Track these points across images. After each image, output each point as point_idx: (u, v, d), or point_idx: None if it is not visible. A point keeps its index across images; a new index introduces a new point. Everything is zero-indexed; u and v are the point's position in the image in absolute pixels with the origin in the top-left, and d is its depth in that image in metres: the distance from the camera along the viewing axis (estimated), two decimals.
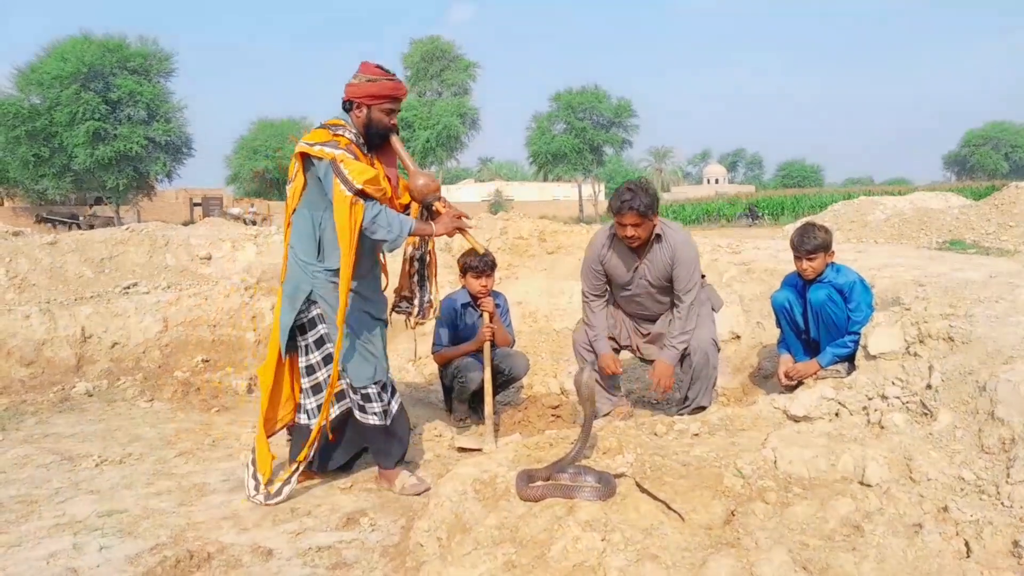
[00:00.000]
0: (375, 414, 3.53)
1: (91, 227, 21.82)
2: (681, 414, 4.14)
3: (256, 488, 3.44)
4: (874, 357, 3.58)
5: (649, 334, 4.36)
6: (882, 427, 3.08)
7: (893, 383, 3.33)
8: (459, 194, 58.08)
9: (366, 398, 3.51)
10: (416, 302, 3.85)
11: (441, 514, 2.72)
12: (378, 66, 3.43)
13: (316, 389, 3.56)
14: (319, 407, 3.52)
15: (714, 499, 2.55)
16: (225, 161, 45.17)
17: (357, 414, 3.56)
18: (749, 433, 3.16)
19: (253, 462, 3.53)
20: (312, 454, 3.55)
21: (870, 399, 3.30)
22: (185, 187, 44.42)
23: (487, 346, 4.46)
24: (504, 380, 4.78)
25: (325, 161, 3.22)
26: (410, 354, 6.08)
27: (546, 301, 6.78)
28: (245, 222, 25.86)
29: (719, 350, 4.32)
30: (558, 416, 4.77)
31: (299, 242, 3.43)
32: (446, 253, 7.26)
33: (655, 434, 3.25)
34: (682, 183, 76.70)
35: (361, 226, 3.19)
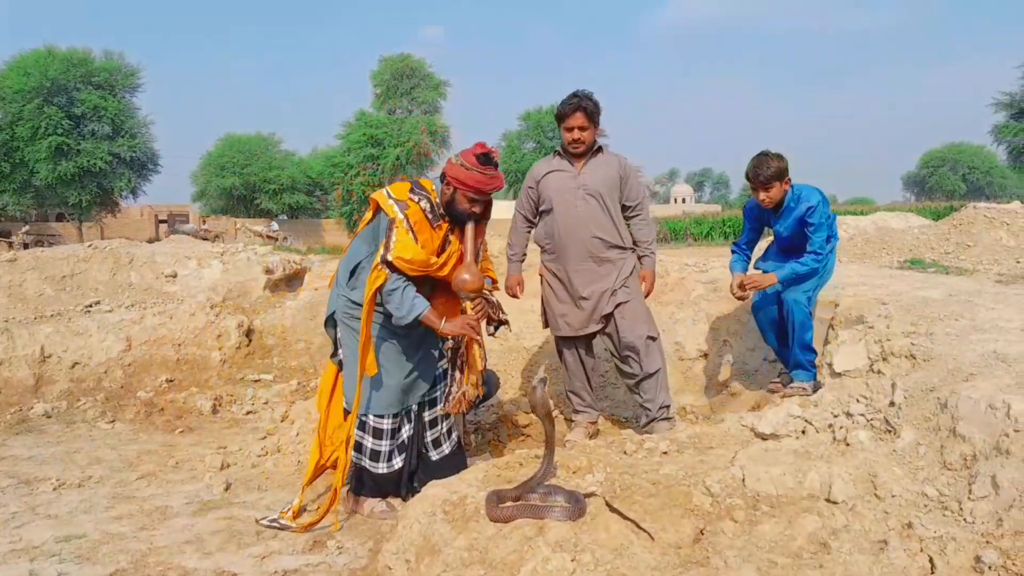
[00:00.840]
0: (362, 448, 3.55)
1: (25, 246, 21.08)
2: (651, 422, 4.18)
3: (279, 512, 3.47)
4: (839, 375, 3.64)
5: (588, 299, 4.25)
6: (847, 444, 3.12)
7: (858, 400, 3.37)
8: None
9: (362, 425, 3.52)
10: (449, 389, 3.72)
11: (410, 536, 2.69)
12: (481, 154, 3.40)
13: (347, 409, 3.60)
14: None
15: (683, 518, 2.56)
16: (191, 177, 44.73)
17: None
18: (717, 451, 3.17)
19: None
20: (346, 480, 3.56)
21: (836, 416, 3.34)
22: (151, 204, 43.80)
23: None
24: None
25: (388, 217, 3.37)
26: None
27: (516, 318, 6.74)
28: (267, 240, 25.71)
29: (657, 339, 4.30)
30: (529, 435, 4.76)
31: (343, 264, 3.63)
32: None
33: (625, 452, 3.25)
34: (650, 202, 77.47)
35: (379, 290, 3.36)
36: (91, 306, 6.84)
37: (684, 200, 76.93)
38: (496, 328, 3.74)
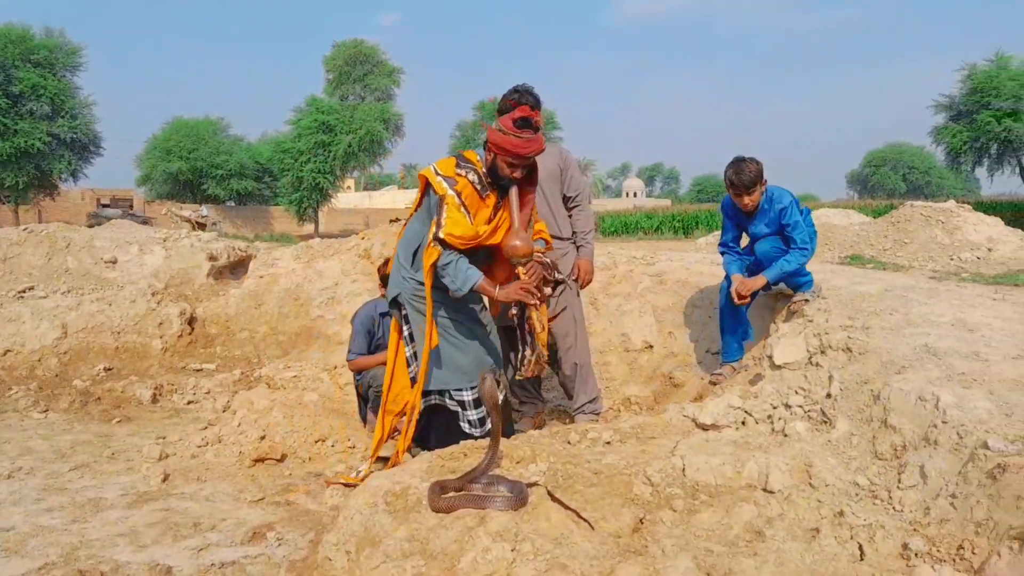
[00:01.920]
0: (468, 422, 3.63)
1: None
2: (583, 412, 4.31)
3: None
4: (779, 367, 3.71)
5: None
6: (785, 435, 3.19)
7: (796, 392, 3.45)
8: (381, 200, 57.48)
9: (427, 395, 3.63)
10: (518, 355, 3.70)
11: (350, 527, 2.66)
12: (519, 119, 3.38)
13: (414, 380, 3.65)
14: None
15: (623, 507, 2.58)
16: (136, 161, 43.45)
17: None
18: (659, 441, 3.21)
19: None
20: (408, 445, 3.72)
21: (774, 408, 3.41)
22: (92, 188, 42.44)
23: None
24: None
25: (438, 194, 3.41)
26: (324, 363, 5.97)
27: None
28: (195, 226, 24.53)
29: (581, 343, 4.41)
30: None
31: (402, 248, 3.68)
32: (365, 260, 7.17)
33: (568, 443, 3.28)
34: (602, 196, 78.00)
35: (435, 265, 3.43)
36: (24, 292, 6.60)
37: (635, 194, 77.63)
38: (555, 288, 3.70)
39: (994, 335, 3.60)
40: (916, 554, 2.35)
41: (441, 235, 3.35)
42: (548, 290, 3.62)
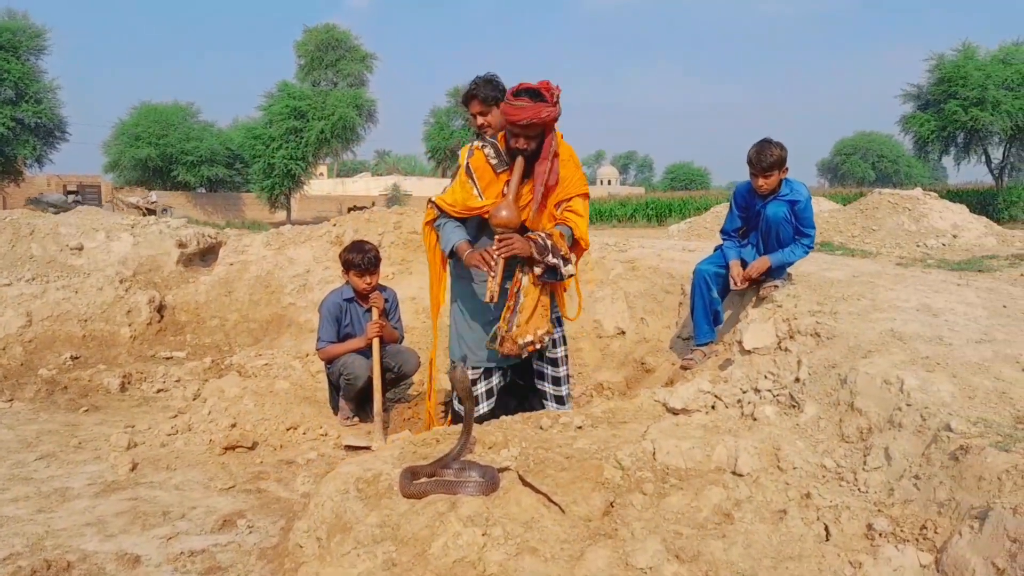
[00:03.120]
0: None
1: None
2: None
3: None
4: (749, 352, 3.75)
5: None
6: (754, 419, 3.23)
7: (765, 377, 3.49)
8: (355, 187, 57.05)
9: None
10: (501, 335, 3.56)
11: (321, 514, 2.65)
12: (518, 88, 3.38)
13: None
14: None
15: (594, 491, 2.60)
16: (103, 147, 42.63)
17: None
18: (630, 425, 3.23)
19: None
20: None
21: (744, 392, 3.46)
22: (58, 174, 41.57)
23: (376, 342, 4.39)
24: (394, 377, 4.72)
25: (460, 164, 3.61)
26: (296, 350, 5.92)
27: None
28: (144, 213, 23.76)
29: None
30: (449, 412, 4.75)
31: None
32: (337, 246, 7.11)
33: (540, 428, 3.28)
34: None
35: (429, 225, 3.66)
36: None
37: (609, 182, 77.83)
38: (545, 272, 3.45)
39: (957, 320, 3.66)
40: (880, 534, 2.40)
41: (433, 198, 3.60)
42: (538, 270, 3.46)
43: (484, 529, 2.30)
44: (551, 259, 3.44)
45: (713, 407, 3.40)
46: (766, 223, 4.27)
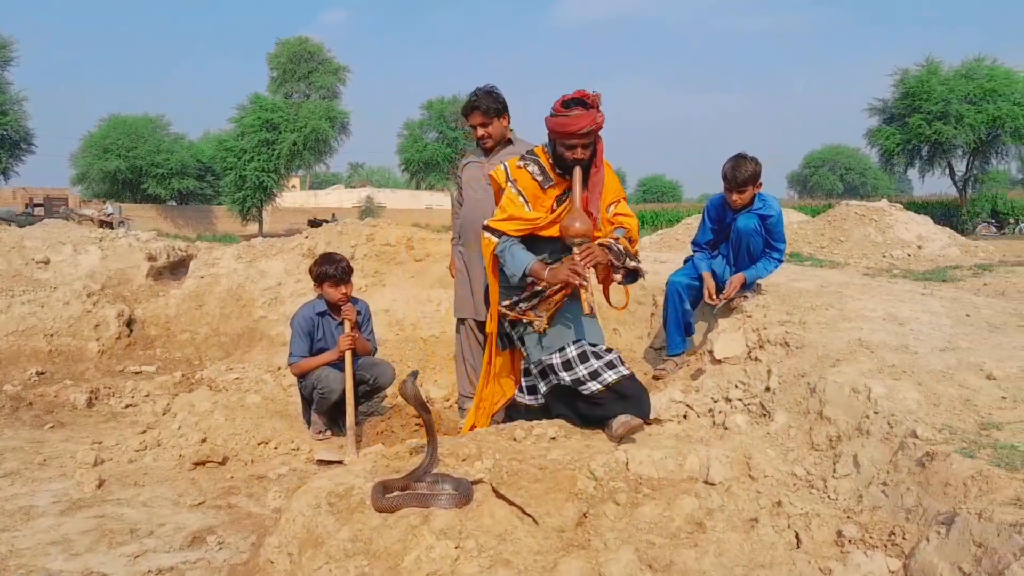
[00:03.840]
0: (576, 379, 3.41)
1: None
2: None
3: None
4: (719, 362, 3.79)
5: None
6: (726, 428, 3.26)
7: (736, 386, 3.53)
8: (328, 200, 56.76)
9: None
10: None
11: (293, 529, 2.62)
12: (567, 99, 3.31)
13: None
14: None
15: (567, 502, 2.60)
16: (71, 159, 42.01)
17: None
18: (604, 436, 3.25)
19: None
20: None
21: (715, 401, 3.49)
22: (24, 186, 40.84)
23: (348, 355, 4.36)
24: (368, 390, 4.69)
25: (500, 187, 3.51)
26: (268, 364, 5.87)
27: (414, 308, 6.71)
28: (100, 226, 23.13)
29: None
30: (422, 425, 4.72)
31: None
32: (308, 259, 7.07)
33: (514, 439, 3.28)
34: None
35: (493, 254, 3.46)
36: None
37: None
38: (625, 277, 3.43)
39: (922, 329, 3.73)
40: (850, 540, 2.43)
41: (486, 222, 3.43)
42: (618, 276, 3.42)
43: (457, 542, 2.29)
44: (631, 262, 3.39)
45: (685, 416, 3.42)
46: (737, 235, 4.32)
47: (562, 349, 3.35)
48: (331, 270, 4.46)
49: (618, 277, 3.44)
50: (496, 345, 3.71)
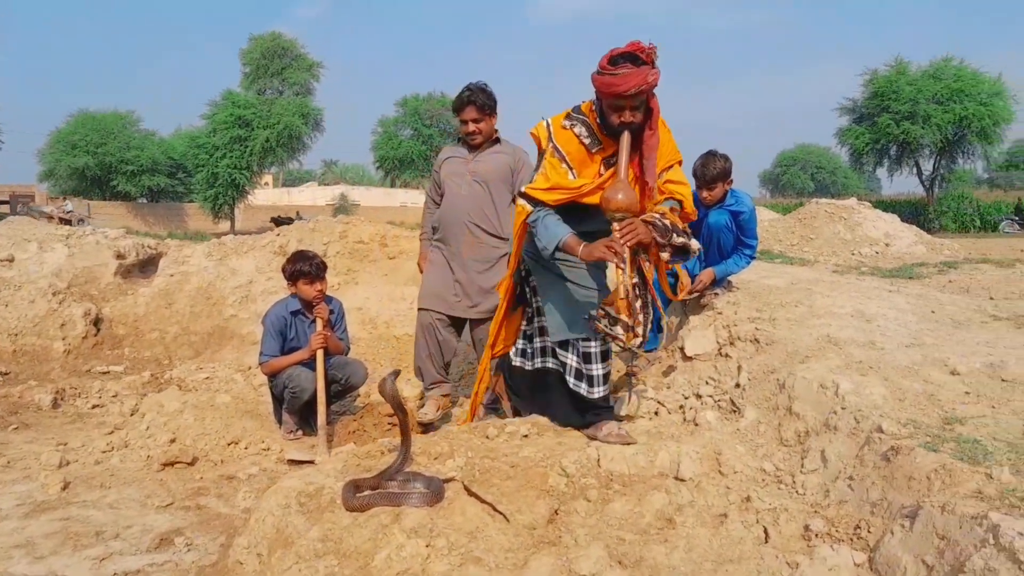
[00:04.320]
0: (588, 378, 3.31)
1: None
2: None
3: None
4: (690, 358, 3.82)
5: (461, 284, 4.33)
6: (696, 424, 3.29)
7: (707, 382, 3.56)
8: (301, 197, 56.28)
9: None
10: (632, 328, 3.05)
11: (262, 529, 2.60)
12: (616, 53, 2.94)
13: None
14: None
15: (539, 499, 2.61)
16: (38, 156, 41.21)
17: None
18: (576, 432, 3.26)
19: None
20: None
21: (686, 398, 3.51)
22: None
23: (320, 354, 4.32)
24: (341, 389, 4.65)
25: (540, 149, 3.23)
26: (238, 363, 5.81)
27: (387, 307, 6.69)
28: (60, 223, 22.61)
29: None
30: (395, 424, 4.70)
31: None
32: (280, 257, 7.01)
33: (487, 437, 3.28)
34: None
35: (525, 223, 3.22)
36: None
37: None
38: (674, 255, 3.09)
39: (889, 325, 3.79)
40: (816, 535, 2.46)
41: (523, 188, 3.18)
42: (665, 255, 3.07)
43: (428, 540, 2.29)
44: (677, 239, 3.02)
45: (656, 413, 3.44)
46: (708, 231, 4.36)
47: (587, 339, 3.20)
48: (305, 267, 4.42)
49: (665, 256, 3.08)
50: (506, 311, 3.57)
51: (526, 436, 3.26)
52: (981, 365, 3.14)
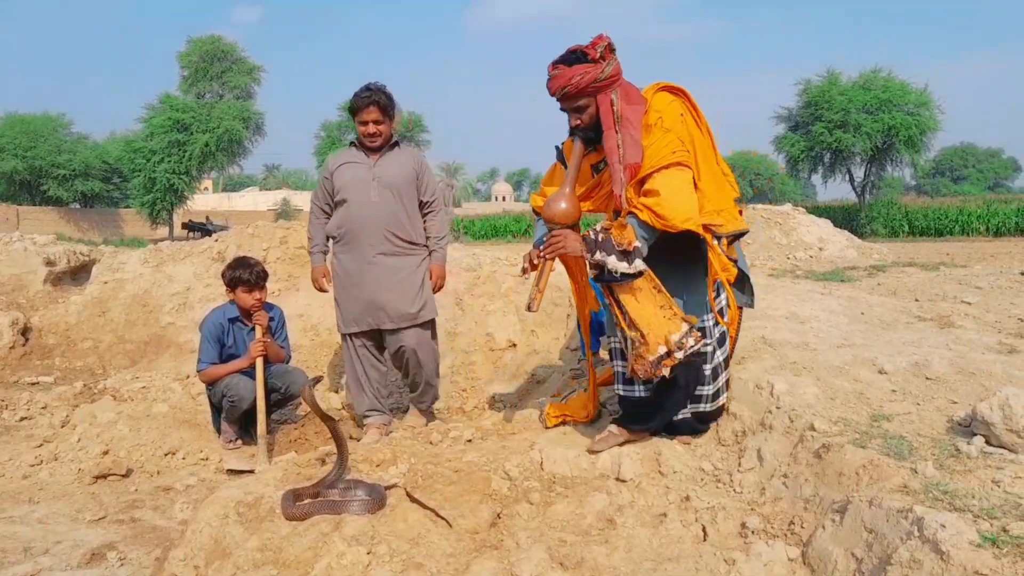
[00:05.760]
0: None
1: None
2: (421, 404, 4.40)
3: None
4: None
5: (378, 300, 4.13)
6: None
7: None
8: (242, 202, 55.18)
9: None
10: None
11: (199, 540, 2.54)
12: (557, 60, 2.79)
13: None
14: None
15: (482, 503, 2.61)
16: None
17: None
18: (520, 436, 3.27)
19: None
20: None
21: None
22: None
23: (259, 362, 4.25)
24: (281, 398, 4.58)
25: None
26: (176, 372, 5.66)
27: (329, 313, 6.56)
28: None
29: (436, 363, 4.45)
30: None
31: None
32: (219, 263, 6.87)
33: (430, 443, 3.28)
34: (472, 199, 78.56)
35: None
36: None
37: (504, 198, 78.67)
38: (597, 274, 2.79)
39: (822, 327, 3.91)
40: (753, 531, 2.52)
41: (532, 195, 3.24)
42: (589, 271, 2.89)
43: (369, 548, 2.27)
44: (598, 256, 2.70)
45: (599, 415, 3.48)
46: None
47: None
48: (245, 275, 4.33)
49: (589, 272, 2.91)
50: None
51: (470, 441, 3.27)
52: (907, 364, 3.26)
